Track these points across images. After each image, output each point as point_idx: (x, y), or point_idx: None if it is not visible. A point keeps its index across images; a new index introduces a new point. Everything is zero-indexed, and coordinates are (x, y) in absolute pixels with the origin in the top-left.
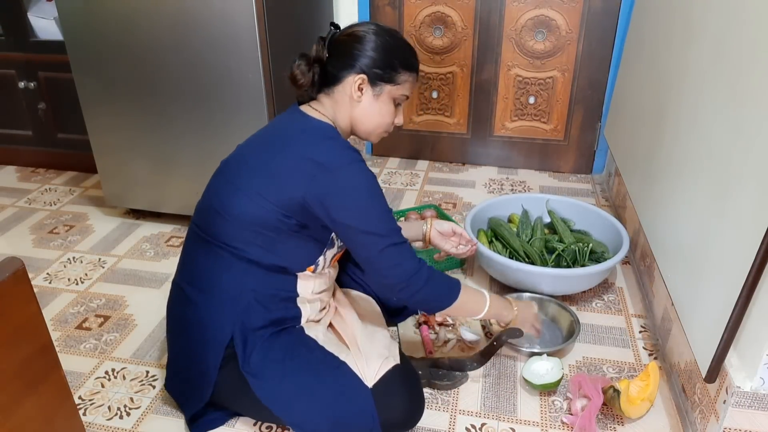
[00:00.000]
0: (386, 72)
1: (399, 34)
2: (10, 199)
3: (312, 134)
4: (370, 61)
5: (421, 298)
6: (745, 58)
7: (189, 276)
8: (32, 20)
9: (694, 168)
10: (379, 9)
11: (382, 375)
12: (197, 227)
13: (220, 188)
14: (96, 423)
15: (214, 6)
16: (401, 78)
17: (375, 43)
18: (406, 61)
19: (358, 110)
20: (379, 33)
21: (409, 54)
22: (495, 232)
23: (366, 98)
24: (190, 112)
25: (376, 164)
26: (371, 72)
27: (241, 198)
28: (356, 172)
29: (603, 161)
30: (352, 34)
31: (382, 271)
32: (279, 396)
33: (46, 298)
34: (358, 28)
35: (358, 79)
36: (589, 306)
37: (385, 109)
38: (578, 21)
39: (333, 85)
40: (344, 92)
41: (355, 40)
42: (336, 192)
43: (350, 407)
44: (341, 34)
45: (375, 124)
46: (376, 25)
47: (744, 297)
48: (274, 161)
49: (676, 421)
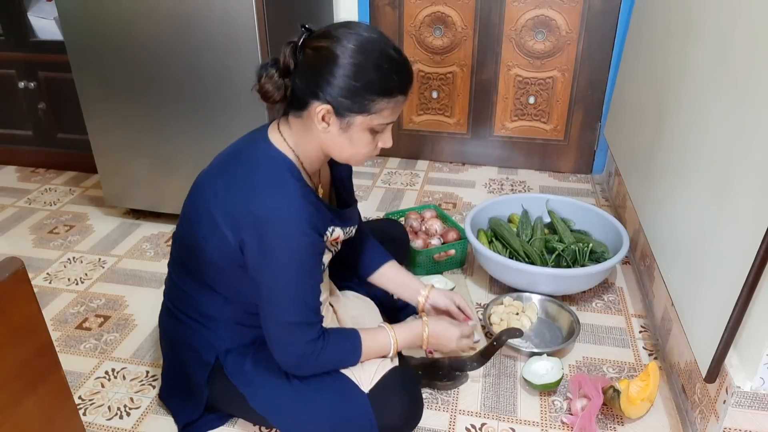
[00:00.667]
0: (356, 102)
1: (382, 45)
2: (10, 199)
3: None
4: (335, 90)
5: (317, 368)
6: (744, 58)
7: (174, 299)
8: (32, 20)
9: (694, 168)
10: (379, 9)
11: (379, 379)
12: (177, 256)
13: (191, 221)
14: (96, 423)
15: (214, 6)
16: (377, 107)
17: (344, 66)
18: (384, 87)
19: (327, 139)
20: (353, 50)
21: (389, 76)
22: (495, 232)
23: (333, 129)
24: (190, 112)
25: (377, 164)
26: (336, 102)
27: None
28: (285, 234)
29: (603, 161)
30: (319, 49)
31: (272, 343)
32: (274, 405)
33: (46, 298)
34: (328, 40)
35: (321, 109)
36: (589, 306)
37: (359, 140)
38: (578, 21)
39: (299, 108)
40: (310, 119)
41: (320, 58)
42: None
43: (347, 414)
44: (310, 43)
45: (349, 154)
46: (353, 35)
47: (744, 297)
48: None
49: (676, 421)
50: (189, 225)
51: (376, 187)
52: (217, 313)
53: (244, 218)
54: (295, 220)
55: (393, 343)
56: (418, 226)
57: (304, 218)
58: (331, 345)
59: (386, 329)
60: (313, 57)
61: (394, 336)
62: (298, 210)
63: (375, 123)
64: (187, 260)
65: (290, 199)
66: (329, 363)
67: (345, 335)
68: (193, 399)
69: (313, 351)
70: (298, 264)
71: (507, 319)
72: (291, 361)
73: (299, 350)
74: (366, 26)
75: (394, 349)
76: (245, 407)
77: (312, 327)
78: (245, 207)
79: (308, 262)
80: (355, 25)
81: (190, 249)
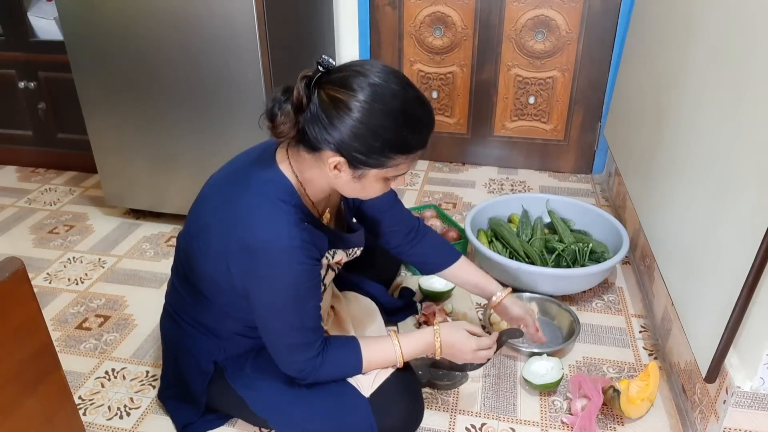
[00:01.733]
0: (372, 158)
1: (404, 99)
2: (10, 199)
3: (255, 197)
4: (349, 142)
5: (321, 380)
6: (745, 58)
7: (174, 304)
8: (32, 20)
9: (694, 168)
10: (379, 9)
11: (380, 383)
12: (180, 266)
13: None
14: (96, 423)
15: (214, 6)
16: (393, 162)
17: (360, 120)
18: (401, 145)
19: (337, 184)
20: (372, 109)
21: (409, 135)
22: (495, 232)
23: (345, 177)
24: (190, 112)
25: None
26: (351, 156)
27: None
28: (277, 265)
29: (603, 161)
30: (336, 101)
31: (278, 361)
32: (274, 408)
33: (46, 298)
34: (345, 92)
35: (334, 161)
36: (589, 306)
37: (371, 188)
38: (578, 21)
39: (311, 150)
40: (322, 161)
41: (337, 111)
42: (248, 275)
43: (347, 418)
44: (326, 88)
45: (358, 196)
46: (373, 87)
47: (744, 297)
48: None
49: (676, 421)
50: (189, 238)
51: None
52: (215, 324)
53: (233, 245)
54: (287, 250)
55: (399, 355)
56: None
57: (296, 247)
58: (330, 361)
59: (390, 340)
60: (329, 107)
61: (399, 347)
62: (289, 239)
63: (390, 174)
64: (187, 271)
65: (281, 230)
66: (330, 377)
67: (346, 350)
68: (191, 403)
69: (312, 367)
70: (295, 292)
71: None
72: (292, 374)
73: (298, 366)
74: (387, 73)
75: (401, 360)
76: (245, 410)
77: (311, 346)
78: (235, 233)
79: (304, 289)
80: (376, 72)
81: (189, 262)
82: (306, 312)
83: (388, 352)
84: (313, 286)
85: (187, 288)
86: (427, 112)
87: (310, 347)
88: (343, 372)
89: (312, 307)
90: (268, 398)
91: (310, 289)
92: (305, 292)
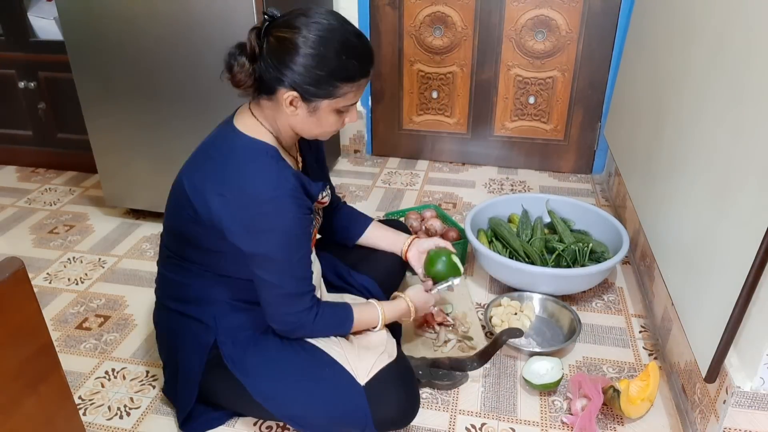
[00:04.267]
0: (321, 88)
1: (342, 32)
2: (10, 199)
3: (238, 156)
4: (300, 78)
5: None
6: (745, 58)
7: (166, 292)
8: (32, 20)
9: (694, 168)
10: (379, 9)
11: (376, 372)
12: (167, 248)
13: (175, 213)
14: (96, 423)
15: (214, 6)
16: (341, 91)
17: (306, 57)
18: (345, 73)
19: (295, 121)
20: (314, 40)
21: (350, 63)
22: (495, 232)
23: (301, 112)
24: (190, 112)
25: (377, 164)
26: (302, 89)
27: (194, 226)
28: (273, 210)
29: (603, 161)
30: (282, 39)
31: (267, 311)
32: (272, 394)
33: (46, 298)
34: (289, 30)
35: (288, 96)
36: (589, 306)
37: (326, 120)
38: (578, 21)
39: (268, 93)
40: (279, 103)
41: (283, 48)
42: (246, 230)
43: (343, 405)
44: (274, 31)
45: (317, 132)
46: (314, 24)
47: (744, 297)
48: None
49: (676, 421)
50: (172, 216)
51: (376, 187)
52: (209, 295)
53: (228, 205)
54: (287, 198)
55: (381, 315)
56: (418, 226)
57: (293, 196)
58: (324, 314)
59: (375, 304)
60: (277, 47)
61: (382, 309)
62: (291, 189)
63: (340, 105)
64: (175, 248)
65: (278, 181)
66: (322, 331)
67: (338, 307)
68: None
69: (307, 319)
70: (289, 240)
71: (507, 320)
72: (286, 328)
73: (293, 318)
74: (326, 12)
75: (383, 321)
76: (243, 398)
77: (305, 296)
78: (231, 194)
79: (299, 236)
80: (316, 13)
81: (176, 237)
82: (300, 260)
83: (373, 313)
84: (306, 234)
85: (175, 268)
86: (364, 43)
87: (303, 297)
88: (336, 326)
89: (305, 255)
90: (265, 384)
91: (304, 238)
92: (300, 240)
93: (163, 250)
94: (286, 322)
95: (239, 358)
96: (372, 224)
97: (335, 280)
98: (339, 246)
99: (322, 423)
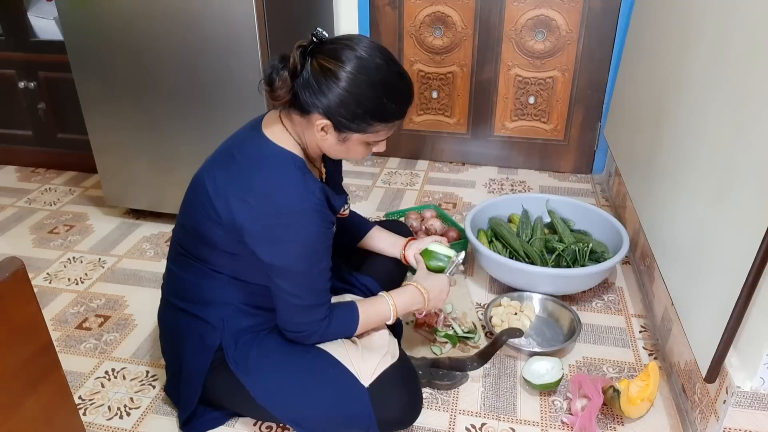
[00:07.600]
0: (355, 123)
1: (386, 73)
2: (10, 199)
3: (266, 164)
4: (336, 109)
5: (322, 341)
6: (744, 58)
7: (174, 290)
8: (32, 20)
9: (694, 168)
10: (379, 9)
11: (379, 373)
12: (179, 246)
13: (193, 211)
14: (96, 423)
15: (214, 6)
16: (372, 129)
17: (346, 92)
18: (383, 114)
19: (324, 145)
20: (357, 79)
21: (389, 105)
22: (495, 232)
23: (330, 139)
24: (190, 112)
25: (377, 164)
26: (336, 120)
27: (213, 226)
28: (298, 222)
29: (603, 161)
30: (325, 69)
31: (280, 318)
32: (274, 395)
33: (46, 298)
34: (334, 62)
35: (321, 123)
36: (589, 306)
37: (354, 150)
38: (578, 21)
39: (301, 111)
40: (311, 123)
41: (325, 78)
42: (269, 233)
43: (346, 406)
44: (319, 57)
45: (343, 157)
46: (359, 60)
47: (744, 297)
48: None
49: (676, 421)
50: (190, 214)
51: (376, 187)
52: (219, 297)
53: (252, 211)
54: (309, 212)
55: (392, 309)
56: (418, 226)
57: (321, 210)
58: (334, 322)
59: (385, 297)
60: (319, 74)
61: (393, 303)
62: (317, 204)
63: (371, 139)
64: (189, 246)
65: (305, 194)
66: (332, 337)
67: (346, 311)
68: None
69: (319, 328)
70: (311, 253)
71: (507, 320)
72: (298, 336)
73: (306, 328)
74: (373, 48)
75: (394, 315)
76: (245, 399)
77: (321, 307)
78: (255, 201)
79: (321, 250)
80: (363, 46)
81: (191, 235)
82: (320, 272)
83: (383, 308)
84: (327, 248)
85: (188, 268)
86: (407, 85)
87: (319, 309)
88: (344, 331)
89: (325, 268)
90: (269, 385)
91: (324, 251)
92: (321, 253)
93: (174, 247)
94: (299, 330)
95: (242, 360)
96: (372, 228)
97: (337, 283)
98: (339, 250)
99: (325, 424)
